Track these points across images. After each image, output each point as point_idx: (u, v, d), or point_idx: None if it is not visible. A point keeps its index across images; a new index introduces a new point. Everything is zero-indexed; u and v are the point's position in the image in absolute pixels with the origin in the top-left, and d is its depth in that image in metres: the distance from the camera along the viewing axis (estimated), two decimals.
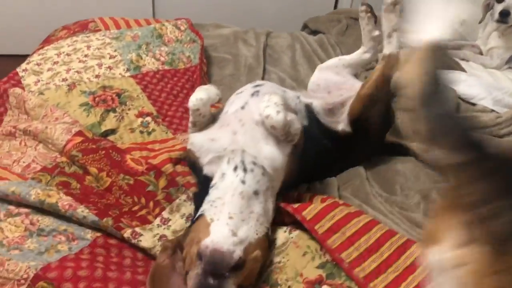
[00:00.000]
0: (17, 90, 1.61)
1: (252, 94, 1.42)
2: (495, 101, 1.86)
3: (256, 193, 1.19)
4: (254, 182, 1.20)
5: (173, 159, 1.46)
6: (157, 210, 1.36)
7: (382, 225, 1.26)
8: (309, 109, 1.48)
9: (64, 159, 1.41)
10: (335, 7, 3.57)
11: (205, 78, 1.91)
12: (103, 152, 1.43)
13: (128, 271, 1.14)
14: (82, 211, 1.24)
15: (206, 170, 1.30)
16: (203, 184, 1.28)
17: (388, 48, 1.50)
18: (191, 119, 1.40)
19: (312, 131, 1.41)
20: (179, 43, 2.01)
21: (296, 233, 1.26)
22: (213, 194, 1.19)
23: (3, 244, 1.15)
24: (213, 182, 1.23)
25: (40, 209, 1.24)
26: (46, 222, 1.22)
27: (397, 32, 1.48)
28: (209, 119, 1.42)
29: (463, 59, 2.30)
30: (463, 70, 2.07)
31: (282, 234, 1.27)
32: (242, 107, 1.39)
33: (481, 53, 2.43)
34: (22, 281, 1.08)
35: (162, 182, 1.41)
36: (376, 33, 1.62)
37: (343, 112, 1.51)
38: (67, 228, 1.21)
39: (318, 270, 1.18)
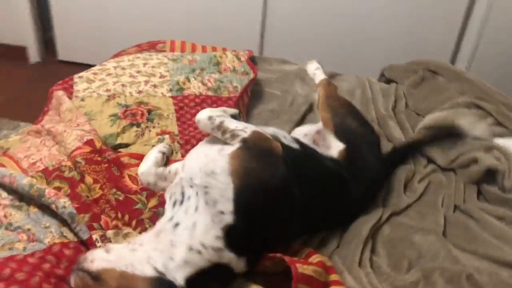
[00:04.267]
0: (59, 92, 1.73)
1: None
2: None
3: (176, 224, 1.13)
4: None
5: None
6: (138, 230, 1.33)
7: None
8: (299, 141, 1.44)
9: (69, 163, 1.45)
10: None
11: (243, 109, 1.86)
12: (105, 165, 1.45)
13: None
14: (64, 202, 1.27)
15: None
16: None
17: (318, 79, 1.86)
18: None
19: (306, 154, 1.39)
20: (234, 72, 2.00)
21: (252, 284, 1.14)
22: None
23: None
24: None
25: (17, 206, 1.28)
26: (17, 217, 1.25)
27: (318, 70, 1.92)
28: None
29: None
30: None
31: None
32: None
33: None
34: None
35: (153, 202, 1.39)
36: None
37: (324, 137, 1.56)
38: (31, 228, 1.23)
39: None
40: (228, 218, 1.08)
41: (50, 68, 3.78)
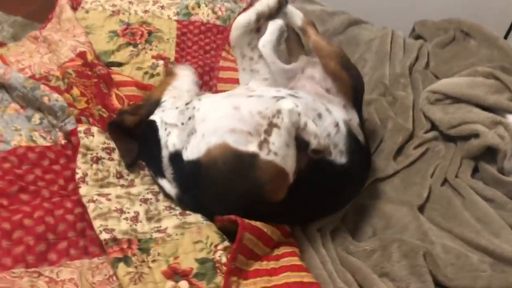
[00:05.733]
0: (63, 1, 1.69)
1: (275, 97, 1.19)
2: None
3: None
4: None
5: None
6: None
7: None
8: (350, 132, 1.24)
9: (57, 73, 1.43)
10: None
11: None
12: (95, 80, 1.43)
13: (19, 188, 1.14)
14: (57, 97, 1.31)
15: None
16: None
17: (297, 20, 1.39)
18: None
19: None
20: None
21: (208, 223, 1.14)
22: None
23: None
24: None
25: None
26: None
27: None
28: None
29: None
30: None
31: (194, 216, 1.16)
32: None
33: None
34: None
35: None
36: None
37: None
38: (1, 129, 1.25)
39: (194, 263, 1.04)
40: (185, 157, 1.15)
41: None
